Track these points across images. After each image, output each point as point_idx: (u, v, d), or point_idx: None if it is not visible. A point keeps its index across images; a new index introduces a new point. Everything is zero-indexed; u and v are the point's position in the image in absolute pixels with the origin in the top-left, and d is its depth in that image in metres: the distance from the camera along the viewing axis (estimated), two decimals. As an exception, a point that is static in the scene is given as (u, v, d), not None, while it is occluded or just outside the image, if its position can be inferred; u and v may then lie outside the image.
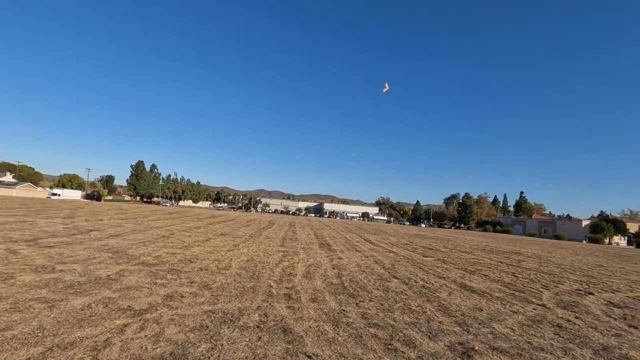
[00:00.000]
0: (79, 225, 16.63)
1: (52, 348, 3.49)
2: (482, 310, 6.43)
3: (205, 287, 6.46)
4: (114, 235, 13.42)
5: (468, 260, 15.16)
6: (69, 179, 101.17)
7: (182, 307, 5.13)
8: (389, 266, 11.28)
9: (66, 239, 11.39)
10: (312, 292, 6.75)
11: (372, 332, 4.74)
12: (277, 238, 18.41)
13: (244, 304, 5.57)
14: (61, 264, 7.45)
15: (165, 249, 10.84)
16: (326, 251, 14.20)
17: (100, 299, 5.22)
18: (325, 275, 8.76)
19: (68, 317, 4.38)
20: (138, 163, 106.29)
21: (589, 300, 8.30)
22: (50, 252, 8.84)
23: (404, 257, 14.23)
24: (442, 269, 11.65)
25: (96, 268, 7.34)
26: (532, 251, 24.74)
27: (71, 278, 6.34)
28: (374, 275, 9.38)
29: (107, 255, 8.92)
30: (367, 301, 6.43)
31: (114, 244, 11.01)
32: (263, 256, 11.12)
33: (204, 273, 7.75)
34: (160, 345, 3.75)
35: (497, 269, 12.84)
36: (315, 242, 17.83)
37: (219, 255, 10.61)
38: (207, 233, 17.92)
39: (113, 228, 16.39)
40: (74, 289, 5.63)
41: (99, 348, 3.57)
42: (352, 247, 17.11)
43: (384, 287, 7.82)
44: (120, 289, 5.88)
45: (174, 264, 8.57)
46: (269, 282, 7.38)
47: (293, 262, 10.34)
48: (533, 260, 17.77)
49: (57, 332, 3.89)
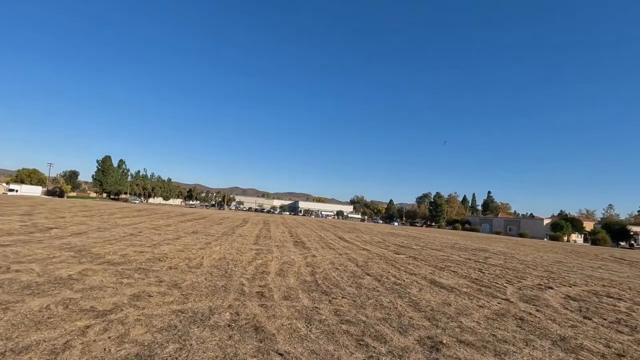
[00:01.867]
0: (38, 222, 15.69)
1: (5, 353, 3.26)
2: (451, 305, 6.64)
3: (175, 286, 6.27)
4: (77, 234, 12.76)
5: (438, 257, 15.62)
6: (28, 174, 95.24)
7: (150, 307, 4.94)
8: (362, 263, 11.41)
9: (23, 237, 10.71)
10: (285, 290, 6.71)
11: (344, 328, 4.77)
12: (251, 236, 18.18)
13: (215, 302, 5.46)
14: (17, 264, 6.99)
15: (132, 248, 10.42)
16: (300, 249, 14.17)
17: (60, 299, 4.94)
18: (299, 273, 8.74)
19: (24, 319, 4.11)
20: (105, 158, 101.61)
21: (548, 294, 8.77)
22: (5, 251, 8.28)
23: (376, 255, 14.46)
24: (413, 265, 11.93)
25: (56, 267, 6.95)
26: (498, 248, 25.87)
27: (28, 278, 5.96)
28: (347, 272, 9.46)
29: (69, 254, 8.47)
30: (340, 298, 6.47)
31: (76, 243, 10.46)
32: (236, 254, 10.94)
33: (173, 272, 7.52)
34: (125, 346, 3.60)
35: (465, 265, 13.31)
36: (290, 240, 17.76)
37: (190, 253, 10.34)
38: (178, 231, 17.41)
39: (76, 226, 15.58)
40: (31, 290, 5.30)
41: (58, 351, 3.37)
42: (326, 245, 17.18)
43: (356, 284, 7.91)
44: (82, 289, 5.59)
45: (141, 262, 8.26)
46: (241, 280, 7.27)
47: (266, 260, 10.25)
48: (499, 257, 18.58)
49: (11, 335, 3.65)
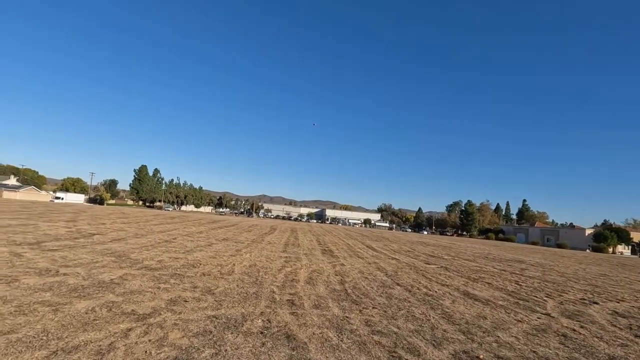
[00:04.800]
0: (82, 229, 16.67)
1: (57, 352, 3.49)
2: (486, 319, 6.38)
3: (208, 292, 6.45)
4: (117, 240, 13.44)
5: (471, 268, 15.07)
6: (72, 183, 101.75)
7: (186, 312, 5.12)
8: (391, 273, 11.23)
9: (69, 243, 11.41)
10: (315, 299, 6.72)
11: (375, 339, 4.71)
12: (280, 244, 18.38)
13: (247, 309, 5.56)
14: (65, 268, 7.47)
15: (167, 254, 10.84)
16: (328, 257, 14.16)
17: (104, 302, 5.22)
18: (328, 281, 8.73)
19: (72, 320, 4.38)
20: (141, 167, 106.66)
21: (593, 309, 8.23)
22: (54, 255, 8.86)
23: (406, 264, 14.17)
24: (444, 276, 11.59)
25: (99, 272, 7.35)
26: (535, 259, 24.59)
27: (75, 282, 6.35)
28: (377, 282, 9.34)
29: (110, 259, 8.93)
30: (370, 308, 6.40)
31: (116, 248, 11.02)
32: (265, 262, 11.09)
33: (206, 278, 7.74)
34: (164, 350, 3.74)
35: (500, 277, 12.76)
36: (318, 248, 17.78)
37: (222, 260, 10.60)
38: (210, 238, 17.91)
39: (116, 232, 16.41)
40: (78, 293, 5.64)
41: (103, 352, 3.56)
42: (354, 253, 17.06)
43: (387, 294, 7.79)
44: (123, 293, 5.88)
45: (176, 268, 8.57)
46: (271, 287, 7.36)
47: (295, 268, 10.32)
48: (536, 268, 17.65)
49: (62, 335, 3.89)
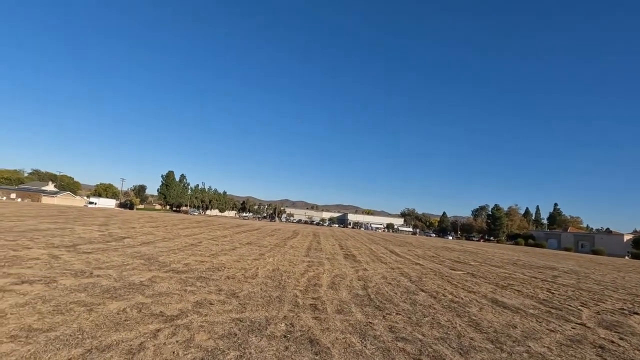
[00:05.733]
0: (113, 232, 17.39)
1: (91, 350, 3.65)
2: (516, 328, 6.14)
3: (233, 296, 6.56)
4: (146, 243, 13.92)
5: (499, 274, 14.56)
6: (104, 188, 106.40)
7: (211, 315, 5.23)
8: (415, 279, 11.02)
9: (102, 246, 11.93)
10: (338, 303, 6.70)
11: (400, 346, 4.63)
12: (302, 248, 18.45)
13: (270, 313, 5.61)
14: (98, 269, 7.81)
15: (193, 257, 11.12)
16: (351, 262, 14.07)
17: (134, 304, 5.42)
18: (350, 286, 8.68)
19: (105, 320, 4.57)
20: (168, 173, 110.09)
21: (634, 320, 7.74)
22: (88, 257, 9.29)
23: (431, 270, 13.87)
24: (471, 283, 11.25)
25: (130, 274, 7.64)
26: (569, 266, 23.43)
27: (107, 283, 6.63)
28: (401, 287, 9.19)
29: (140, 262, 9.27)
30: (394, 314, 6.31)
31: (145, 251, 11.42)
32: (288, 266, 11.17)
33: (231, 281, 7.88)
34: (191, 351, 3.84)
35: (531, 284, 12.25)
36: (340, 253, 17.72)
37: (245, 264, 10.76)
38: (234, 242, 18.23)
39: (145, 236, 17.01)
40: (110, 294, 5.88)
41: (134, 351, 3.70)
42: (377, 258, 16.87)
43: (411, 300, 7.65)
44: (152, 294, 6.08)
45: (202, 271, 8.77)
46: (294, 292, 7.39)
47: (318, 273, 10.32)
48: (570, 276, 16.81)
49: (96, 334, 4.07)
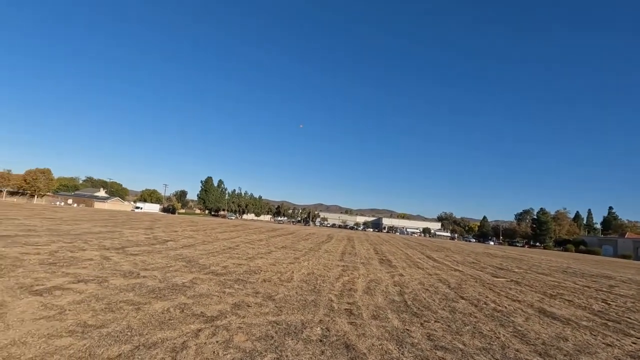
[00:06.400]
0: (158, 235, 18.35)
1: (139, 347, 3.87)
2: (567, 340, 5.73)
3: (269, 298, 6.68)
4: (187, 246, 14.55)
5: (547, 282, 13.66)
6: (149, 194, 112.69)
7: (249, 317, 5.36)
8: (454, 285, 10.62)
9: (147, 248, 12.63)
10: (373, 309, 6.61)
11: (439, 355, 4.48)
12: (336, 252, 18.41)
13: (306, 316, 5.65)
14: (144, 271, 8.28)
15: (231, 260, 11.46)
16: (386, 267, 13.84)
17: (177, 304, 5.68)
18: (386, 291, 8.53)
19: (151, 319, 4.83)
20: (207, 179, 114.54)
21: None
22: (135, 259, 9.87)
23: (471, 277, 13.30)
24: (516, 291, 10.65)
25: (173, 275, 8.02)
26: (627, 275, 21.48)
27: (152, 284, 7.00)
28: (439, 294, 8.90)
29: (182, 264, 9.70)
30: (432, 321, 6.11)
31: (187, 254, 11.94)
32: (323, 270, 11.19)
33: (267, 284, 8.03)
34: (230, 351, 3.95)
35: (584, 294, 11.37)
36: (375, 258, 17.48)
37: (281, 267, 10.92)
38: (269, 246, 18.57)
39: (186, 239, 17.79)
40: (155, 294, 6.21)
41: (177, 350, 3.87)
42: (413, 263, 16.46)
43: (450, 308, 7.38)
44: (193, 295, 6.35)
45: (239, 274, 9.02)
46: (329, 296, 7.39)
47: (353, 277, 10.25)
48: (629, 285, 15.41)
49: (143, 332, 4.31)
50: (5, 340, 3.73)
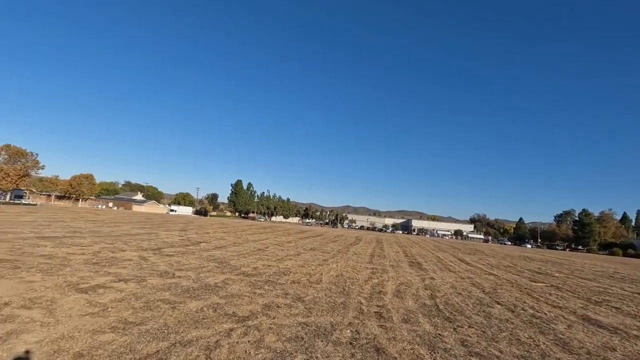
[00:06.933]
0: (191, 237, 19.01)
1: (175, 344, 4.03)
2: (616, 351, 5.35)
3: (299, 300, 6.73)
4: (219, 247, 14.97)
5: (591, 288, 12.84)
6: (182, 197, 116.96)
7: (279, 317, 5.43)
8: (489, 290, 10.22)
9: (181, 249, 13.12)
10: (404, 312, 6.49)
11: (474, 361, 4.33)
12: (365, 255, 18.26)
13: (335, 318, 5.65)
14: (179, 271, 8.60)
15: (261, 261, 11.66)
16: (417, 270, 13.55)
17: (210, 304, 5.86)
18: (417, 295, 8.35)
19: (186, 317, 5.01)
20: (237, 182, 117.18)
21: None
22: (171, 260, 10.28)
23: (507, 281, 12.75)
24: (556, 297, 10.08)
25: (205, 276, 8.28)
26: (684, 282, 19.73)
27: (187, 284, 7.26)
28: (472, 299, 8.60)
29: (214, 265, 9.99)
30: (466, 327, 5.92)
31: (218, 255, 12.28)
32: (352, 272, 11.13)
33: (296, 286, 8.09)
34: (262, 351, 4.02)
35: (633, 301, 10.58)
36: (405, 260, 17.17)
37: (310, 269, 10.98)
38: (298, 247, 18.73)
39: (217, 241, 18.31)
40: (190, 294, 6.43)
41: (211, 348, 3.99)
42: (445, 267, 16.01)
43: (485, 313, 7.11)
44: (225, 295, 6.52)
45: (269, 275, 9.16)
46: (359, 298, 7.34)
47: (382, 280, 10.12)
48: (686, 293, 14.15)
49: (178, 330, 4.48)
50: (56, 334, 4.00)
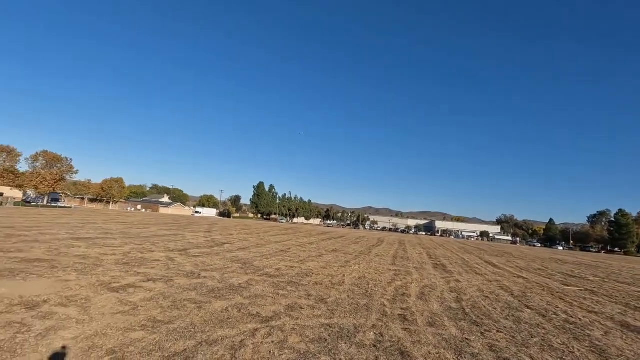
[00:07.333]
0: (215, 238, 19.42)
1: (202, 343, 4.12)
2: (659, 359, 5.03)
3: (321, 301, 6.74)
4: (242, 249, 15.21)
5: (630, 293, 12.14)
6: (207, 199, 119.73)
7: (302, 318, 5.45)
8: (518, 294, 9.86)
9: (206, 250, 13.42)
10: (428, 315, 6.36)
11: (503, 367, 4.18)
12: (388, 256, 18.05)
13: (358, 320, 5.61)
14: (204, 271, 8.80)
15: (284, 262, 11.76)
16: (441, 272, 13.26)
17: (235, 304, 5.96)
18: (442, 298, 8.17)
19: (212, 317, 5.12)
20: (259, 184, 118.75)
21: None
22: (196, 261, 10.53)
23: (537, 284, 12.26)
24: (591, 301, 9.60)
25: (230, 276, 8.43)
26: None
27: (212, 284, 7.42)
28: (500, 302, 8.32)
29: (238, 266, 10.16)
30: (494, 331, 5.73)
31: (242, 256, 12.48)
32: (374, 274, 11.03)
33: (319, 287, 8.10)
34: (285, 352, 4.05)
35: (678, 307, 9.91)
36: (429, 262, 16.85)
37: (332, 270, 10.96)
38: (320, 249, 18.75)
39: (241, 242, 18.61)
40: (215, 294, 6.57)
41: (236, 348, 4.05)
42: (470, 269, 15.58)
43: (514, 318, 6.86)
44: (249, 296, 6.61)
45: (292, 276, 9.22)
46: (382, 300, 7.26)
47: (406, 282, 9.97)
48: None
49: (204, 329, 4.58)
50: (90, 331, 4.18)
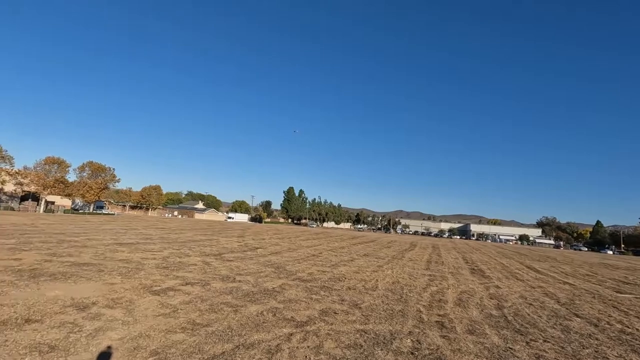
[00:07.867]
0: (248, 243, 19.81)
1: (239, 346, 4.19)
2: None
3: (355, 306, 6.66)
4: (274, 253, 15.40)
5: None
6: (239, 205, 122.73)
7: (336, 324, 5.41)
8: (565, 301, 9.26)
9: (240, 255, 13.71)
10: (468, 323, 6.11)
11: (552, 380, 3.92)
12: (421, 261, 17.60)
13: (394, 327, 5.49)
14: (239, 275, 8.99)
15: (316, 267, 11.77)
16: (479, 278, 12.73)
17: (270, 308, 6.03)
18: (481, 304, 7.83)
19: (248, 321, 5.20)
20: (289, 189, 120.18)
21: None
22: (231, 265, 10.78)
23: (586, 291, 11.46)
24: (650, 310, 8.82)
25: (264, 280, 8.55)
26: None
27: (247, 288, 7.55)
28: (546, 310, 7.84)
29: (271, 270, 10.29)
30: (540, 341, 5.40)
31: (275, 260, 12.63)
32: (408, 279, 10.78)
33: (352, 292, 8.03)
34: (321, 357, 4.03)
35: None
36: (465, 267, 16.23)
37: (364, 275, 10.83)
38: (351, 253, 18.61)
39: (273, 246, 18.86)
40: (250, 298, 6.68)
41: (272, 352, 4.09)
42: (511, 274, 14.84)
43: (562, 327, 6.44)
44: (283, 300, 6.66)
45: (324, 281, 9.20)
46: (417, 306, 7.07)
47: (442, 288, 9.66)
48: None
49: (241, 332, 4.66)
50: (135, 333, 4.38)
